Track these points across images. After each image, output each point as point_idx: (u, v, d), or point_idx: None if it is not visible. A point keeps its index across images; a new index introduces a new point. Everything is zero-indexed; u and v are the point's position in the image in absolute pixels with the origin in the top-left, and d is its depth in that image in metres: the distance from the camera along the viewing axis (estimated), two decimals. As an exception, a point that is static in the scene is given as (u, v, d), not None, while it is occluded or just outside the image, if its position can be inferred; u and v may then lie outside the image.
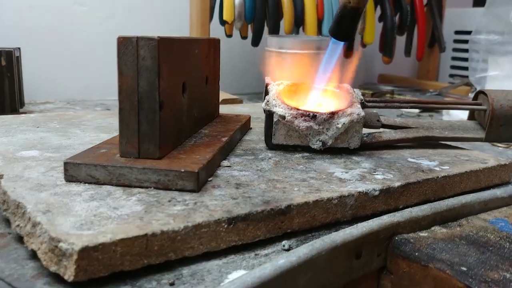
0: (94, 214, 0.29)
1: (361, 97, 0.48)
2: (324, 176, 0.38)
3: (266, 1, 0.88)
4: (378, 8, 1.06)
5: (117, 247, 0.25)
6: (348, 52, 1.07)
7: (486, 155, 0.48)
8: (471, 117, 0.53)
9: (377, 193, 0.36)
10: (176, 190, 0.33)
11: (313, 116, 0.43)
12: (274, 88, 0.48)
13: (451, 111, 0.73)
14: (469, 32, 1.04)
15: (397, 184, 0.37)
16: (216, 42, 0.50)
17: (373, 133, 0.48)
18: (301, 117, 0.44)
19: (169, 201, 0.31)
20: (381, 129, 0.49)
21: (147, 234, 0.26)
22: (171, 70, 0.36)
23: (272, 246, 0.31)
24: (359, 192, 0.35)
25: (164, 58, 0.34)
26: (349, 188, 0.35)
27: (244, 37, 0.97)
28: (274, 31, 0.90)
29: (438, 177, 0.40)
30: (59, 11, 0.96)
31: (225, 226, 0.29)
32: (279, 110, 0.44)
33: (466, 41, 1.24)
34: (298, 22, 0.91)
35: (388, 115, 0.54)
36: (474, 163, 0.45)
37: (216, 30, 0.94)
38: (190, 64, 0.41)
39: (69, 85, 0.99)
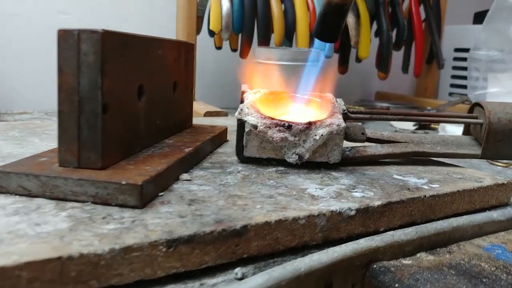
0: (9, 231, 0.24)
1: (344, 107, 0.44)
2: (294, 193, 0.33)
3: (255, 12, 0.84)
4: (375, 23, 1.03)
5: (23, 272, 0.21)
6: (342, 67, 1.04)
7: (482, 174, 0.43)
8: (466, 131, 0.49)
9: (353, 212, 0.31)
10: (117, 205, 0.28)
11: (288, 126, 0.39)
12: (250, 97, 0.44)
13: (448, 128, 0.68)
14: (469, 50, 1.00)
15: (377, 203, 0.33)
16: (189, 46, 0.46)
17: (356, 147, 0.44)
18: (275, 127, 0.39)
19: (104, 218, 0.27)
20: (366, 143, 0.45)
21: (62, 257, 0.22)
22: (121, 69, 0.32)
23: (223, 274, 0.26)
24: (332, 211, 0.30)
25: (111, 54, 0.30)
26: (321, 206, 0.31)
27: (234, 49, 0.93)
28: (264, 43, 0.87)
29: (426, 196, 0.35)
30: (42, 19, 0.92)
31: (164, 249, 0.24)
32: (251, 119, 0.40)
33: (466, 59, 1.20)
34: (289, 35, 0.87)
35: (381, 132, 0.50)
36: (468, 181, 0.40)
37: (206, 44, 0.91)
38: (151, 66, 0.37)
39: (50, 95, 0.95)
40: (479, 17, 1.28)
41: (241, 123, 0.40)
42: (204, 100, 0.92)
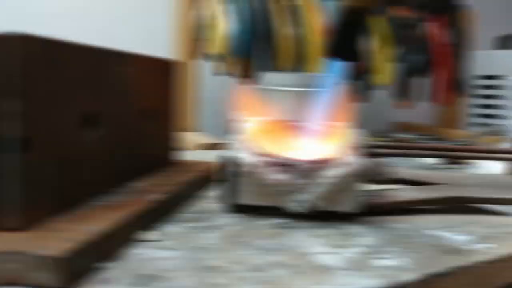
0: None
1: (364, 140, 0.34)
2: (296, 262, 0.24)
3: (259, 33, 0.76)
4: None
5: None
6: (362, 95, 0.94)
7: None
8: (518, 170, 0.39)
9: (381, 295, 0.21)
10: (29, 286, 0.19)
11: (290, 166, 0.30)
12: (243, 127, 0.35)
13: (484, 163, 0.58)
14: (494, 77, 0.91)
15: (413, 276, 0.23)
16: (168, 65, 0.38)
17: (381, 191, 0.34)
18: (273, 166, 0.30)
19: (-4, 313, 0.17)
20: (393, 186, 0.35)
21: None
22: (52, 90, 0.23)
23: None
24: (350, 294, 0.21)
25: (35, 68, 0.21)
26: (333, 286, 0.21)
27: (232, 74, 0.85)
28: (269, 67, 0.78)
29: (481, 262, 0.26)
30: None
31: None
32: (241, 155, 0.30)
33: (491, 87, 1.10)
34: (300, 58, 0.79)
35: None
36: (531, 238, 0.30)
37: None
38: (104, 87, 0.29)
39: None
40: (504, 41, 1.18)
41: (228, 161, 0.31)
42: (209, 131, 0.83)
